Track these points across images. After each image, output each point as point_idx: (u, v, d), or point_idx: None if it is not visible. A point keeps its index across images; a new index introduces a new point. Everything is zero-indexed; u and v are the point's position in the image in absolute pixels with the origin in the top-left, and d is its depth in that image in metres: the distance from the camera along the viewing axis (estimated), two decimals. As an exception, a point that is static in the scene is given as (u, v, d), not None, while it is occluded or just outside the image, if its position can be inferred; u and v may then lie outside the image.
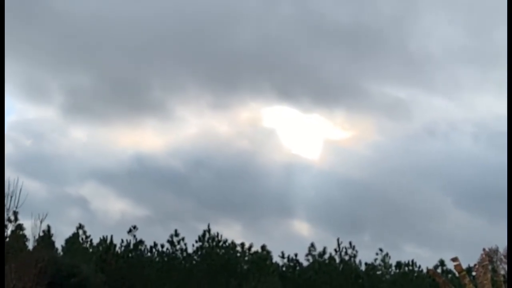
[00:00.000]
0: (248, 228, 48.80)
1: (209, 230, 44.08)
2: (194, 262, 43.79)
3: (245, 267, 43.99)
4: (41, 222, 23.25)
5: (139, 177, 63.78)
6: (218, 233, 44.01)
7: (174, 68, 67.63)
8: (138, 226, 44.57)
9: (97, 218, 51.58)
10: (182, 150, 66.98)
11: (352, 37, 67.46)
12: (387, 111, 70.18)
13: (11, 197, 22.07)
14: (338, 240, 45.47)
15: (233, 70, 66.56)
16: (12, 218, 31.29)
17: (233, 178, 63.08)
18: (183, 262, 43.84)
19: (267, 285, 40.39)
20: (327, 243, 45.81)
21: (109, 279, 38.64)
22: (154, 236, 44.87)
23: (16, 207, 22.34)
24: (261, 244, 44.44)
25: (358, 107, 71.75)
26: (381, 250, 45.85)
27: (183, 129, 70.85)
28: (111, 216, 57.90)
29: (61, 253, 42.43)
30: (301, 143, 78.56)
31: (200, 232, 44.28)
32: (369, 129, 73.10)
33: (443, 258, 44.46)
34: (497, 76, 71.19)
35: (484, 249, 17.28)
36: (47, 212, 23.78)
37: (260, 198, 58.86)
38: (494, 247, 38.58)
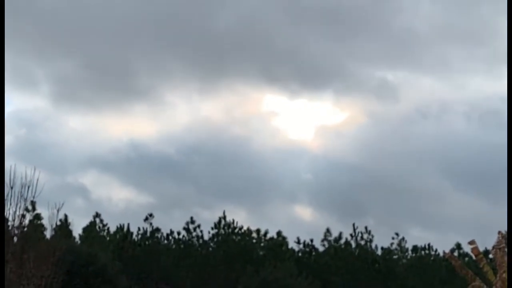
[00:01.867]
0: (252, 214, 48.93)
1: (224, 217, 44.27)
2: (210, 249, 44.01)
3: (261, 253, 44.15)
4: (58, 211, 23.43)
5: (137, 165, 63.59)
6: (233, 220, 44.24)
7: (158, 52, 66.47)
8: (141, 213, 44.73)
9: (100, 206, 51.55)
10: (176, 137, 66.53)
11: (334, 17, 66.11)
12: (376, 93, 68.90)
13: (29, 187, 22.27)
14: (353, 225, 45.50)
15: (218, 53, 65.02)
16: (30, 208, 31.59)
17: (230, 164, 62.63)
18: (199, 249, 44.08)
19: (283, 271, 40.51)
20: (333, 228, 45.91)
21: (126, 267, 38.94)
22: (159, 223, 44.96)
23: (34, 197, 22.54)
24: (270, 229, 44.53)
25: (346, 90, 70.77)
26: (397, 234, 45.86)
27: (174, 115, 69.96)
28: (115, 204, 58.06)
29: (79, 242, 42.81)
30: (293, 127, 78.28)
31: (205, 219, 44.61)
32: (359, 112, 72.29)
33: (453, 241, 44.47)
34: (485, 54, 70.35)
35: (500, 232, 17.18)
36: (63, 202, 23.94)
37: (260, 184, 58.76)
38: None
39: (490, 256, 22.60)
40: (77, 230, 44.42)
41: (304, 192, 60.32)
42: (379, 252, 45.55)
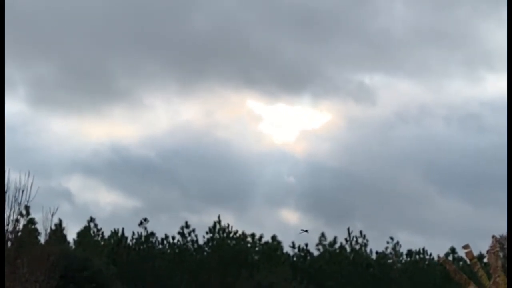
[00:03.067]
0: (239, 218, 48.71)
1: (219, 222, 44.25)
2: (205, 253, 43.97)
3: (256, 257, 44.13)
4: (52, 215, 23.33)
5: (121, 169, 63.35)
6: (228, 224, 44.21)
7: (135, 55, 66.08)
8: (128, 218, 44.50)
9: (86, 211, 50.97)
10: (158, 140, 66.11)
11: (309, 19, 65.50)
12: (354, 97, 68.93)
13: (23, 191, 22.19)
14: (348, 229, 45.55)
15: (195, 56, 64.83)
16: (24, 212, 31.47)
17: (214, 168, 62.22)
18: (194, 253, 44.03)
19: (278, 275, 40.48)
20: (320, 231, 45.87)
21: (121, 271, 38.86)
22: (149, 227, 44.75)
23: (28, 202, 22.45)
24: (257, 233, 44.39)
25: (324, 93, 70.67)
26: (391, 238, 45.91)
27: (154, 118, 69.46)
28: (102, 208, 57.67)
29: (73, 247, 42.69)
30: (274, 131, 77.73)
31: (193, 223, 44.57)
32: (339, 116, 72.23)
33: (441, 244, 44.67)
34: (462, 57, 70.36)
35: (494, 236, 17.23)
36: (57, 206, 23.84)
37: (245, 188, 58.58)
38: (504, 234, 38.47)
39: (485, 260, 22.65)
40: (71, 234, 44.37)
41: (290, 196, 60.49)
42: (373, 256, 45.60)
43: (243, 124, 70.13)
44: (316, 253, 45.52)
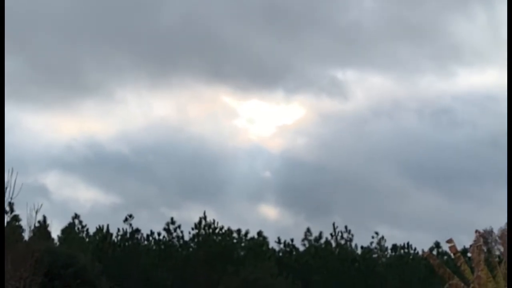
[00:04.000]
0: (219, 214, 48.46)
1: (205, 218, 44.21)
2: (191, 249, 43.94)
3: (241, 253, 44.17)
4: (36, 212, 23.20)
5: (96, 165, 62.72)
6: (214, 220, 44.20)
7: (105, 48, 65.12)
8: (108, 214, 44.17)
9: (65, 208, 50.44)
10: (132, 136, 65.62)
11: (278, 13, 65.41)
12: (327, 92, 69.46)
13: (7, 187, 22.03)
14: (333, 224, 45.73)
15: (165, 49, 64.30)
16: (8, 209, 31.32)
17: (189, 164, 62.18)
18: (180, 249, 43.99)
19: (264, 271, 40.55)
20: (301, 226, 45.90)
21: (106, 268, 38.69)
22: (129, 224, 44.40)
23: (11, 198, 22.32)
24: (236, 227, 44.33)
25: (297, 88, 70.83)
26: (376, 233, 46.16)
27: (127, 112, 68.86)
28: (82, 205, 57.19)
29: (58, 243, 42.47)
30: (248, 126, 77.24)
31: (172, 219, 44.35)
32: (312, 111, 72.06)
33: (420, 238, 45.02)
34: (433, 50, 70.44)
35: (477, 231, 17.36)
36: (41, 203, 23.71)
37: (222, 184, 58.25)
38: (488, 228, 38.82)
39: (468, 254, 22.84)
40: (56, 231, 44.10)
41: (267, 191, 60.50)
42: (359, 251, 45.82)
43: (217, 119, 69.92)
44: (301, 248, 45.72)
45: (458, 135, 64.42)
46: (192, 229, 44.06)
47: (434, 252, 42.56)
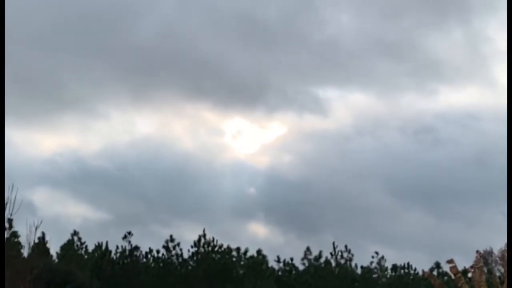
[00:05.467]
0: (212, 231, 48.29)
1: (204, 235, 44.07)
2: (190, 267, 43.75)
3: (241, 271, 43.98)
4: (36, 229, 23.15)
5: (81, 181, 61.68)
6: (213, 238, 44.05)
7: (84, 62, 63.90)
8: (97, 230, 43.86)
9: (54, 224, 49.63)
10: (116, 152, 64.88)
11: (254, 29, 65.26)
12: (309, 109, 68.25)
13: (6, 203, 21.98)
14: (333, 243, 45.56)
15: (145, 64, 63.60)
16: (7, 225, 31.17)
17: (175, 180, 61.77)
18: (178, 267, 43.79)
19: (263, 290, 40.38)
20: (292, 244, 45.50)
21: (104, 285, 38.55)
22: (118, 241, 44.27)
23: (11, 214, 22.26)
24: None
25: (277, 106, 69.75)
26: (376, 253, 45.99)
27: (109, 128, 68.25)
28: (71, 221, 56.69)
29: (56, 260, 42.31)
30: (231, 143, 76.48)
31: (162, 237, 44.37)
32: (294, 129, 71.27)
33: (411, 258, 45.00)
34: (412, 68, 70.14)
35: (478, 251, 17.32)
36: (41, 219, 23.65)
37: (211, 201, 57.80)
38: (488, 248, 38.72)
39: (469, 275, 22.74)
40: (54, 248, 43.92)
41: (255, 209, 60.27)
42: (359, 271, 45.61)
43: (199, 136, 69.34)
44: (301, 267, 45.52)
45: (441, 154, 64.36)
46: (192, 246, 43.95)
47: (435, 273, 42.39)
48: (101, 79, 66.24)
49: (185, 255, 44.00)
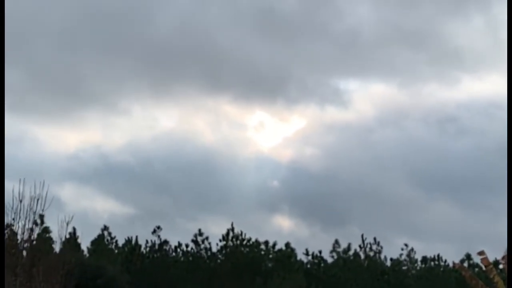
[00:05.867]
0: (237, 225, 48.25)
1: (232, 229, 44.23)
2: (218, 261, 43.95)
3: (269, 265, 44.05)
4: (67, 224, 23.45)
5: (107, 177, 61.83)
6: (242, 232, 44.18)
7: (105, 58, 63.98)
8: (125, 225, 44.11)
9: (82, 219, 50.03)
10: (139, 147, 64.31)
11: (273, 21, 63.88)
12: (331, 101, 67.90)
13: (38, 199, 22.33)
14: (362, 236, 45.39)
15: (165, 59, 62.99)
16: (39, 221, 31.60)
17: (199, 174, 61.17)
18: (207, 261, 44.03)
19: (292, 283, 40.38)
20: (318, 237, 45.22)
21: (134, 279, 38.92)
22: (146, 235, 44.66)
23: (43, 210, 22.61)
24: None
25: (299, 98, 69.19)
26: (406, 245, 45.71)
27: (131, 123, 67.76)
28: (100, 216, 56.83)
29: (87, 255, 42.84)
30: (253, 136, 75.84)
31: (189, 231, 44.62)
32: (316, 121, 70.08)
33: (439, 250, 44.59)
34: (433, 57, 68.52)
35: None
36: (73, 215, 23.95)
37: (236, 194, 57.21)
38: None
39: (500, 266, 22.48)
40: (85, 243, 44.45)
41: (281, 202, 59.95)
42: (388, 263, 45.39)
43: (221, 130, 68.66)
44: (330, 260, 45.44)
45: (465, 143, 63.41)
46: (220, 240, 44.14)
47: (465, 264, 42.00)
48: (122, 75, 66.52)
49: (214, 249, 44.25)
